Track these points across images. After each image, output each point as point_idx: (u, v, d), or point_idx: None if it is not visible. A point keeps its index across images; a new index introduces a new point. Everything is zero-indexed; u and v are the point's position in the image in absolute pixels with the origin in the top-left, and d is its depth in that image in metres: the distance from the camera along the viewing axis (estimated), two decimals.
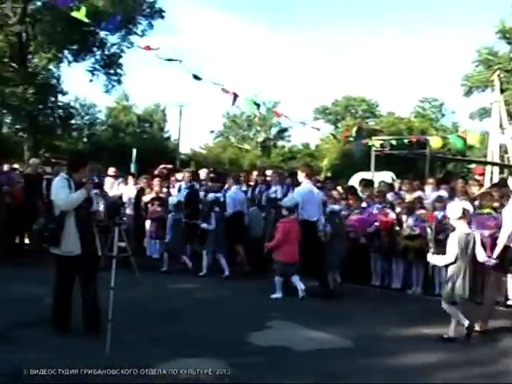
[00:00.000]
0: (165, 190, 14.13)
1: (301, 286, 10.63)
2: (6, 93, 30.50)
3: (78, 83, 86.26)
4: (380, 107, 71.28)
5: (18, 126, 35.99)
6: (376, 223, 12.34)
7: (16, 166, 17.13)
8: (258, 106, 15.46)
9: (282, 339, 7.96)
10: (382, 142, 18.24)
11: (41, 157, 27.59)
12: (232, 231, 12.95)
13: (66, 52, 34.14)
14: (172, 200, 13.09)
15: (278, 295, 10.78)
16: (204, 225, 12.79)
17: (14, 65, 31.44)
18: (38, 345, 7.15)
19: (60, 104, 35.03)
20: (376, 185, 14.99)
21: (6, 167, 15.22)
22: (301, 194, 11.53)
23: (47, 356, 6.65)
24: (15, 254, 13.28)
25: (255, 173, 15.17)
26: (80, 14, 13.27)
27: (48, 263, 9.79)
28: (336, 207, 12.02)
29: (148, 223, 13.48)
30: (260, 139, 68.29)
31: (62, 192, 7.44)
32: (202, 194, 13.97)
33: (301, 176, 12.07)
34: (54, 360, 6.44)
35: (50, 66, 34.24)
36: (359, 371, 6.82)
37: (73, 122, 39.29)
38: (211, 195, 13.11)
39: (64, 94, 35.32)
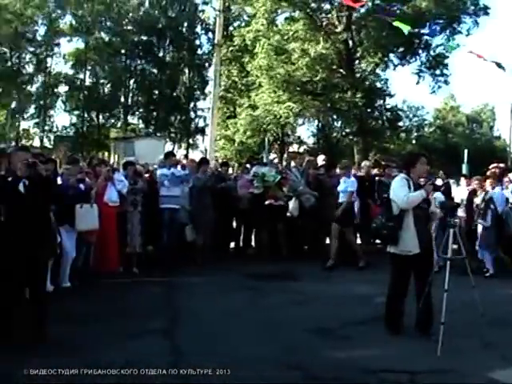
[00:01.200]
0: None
1: None
2: (335, 98, 31.62)
3: (406, 85, 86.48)
4: None
5: (347, 130, 37.12)
6: None
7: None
8: None
9: None
10: None
11: (371, 159, 28.15)
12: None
13: (391, 55, 34.41)
14: (440, 199, 12.77)
15: None
16: (480, 221, 12.43)
17: (341, 71, 32.49)
18: (368, 343, 7.27)
19: (388, 107, 35.44)
20: None
21: (338, 170, 15.58)
22: None
23: (378, 354, 6.80)
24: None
25: None
26: (403, 24, 13.35)
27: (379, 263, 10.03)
28: None
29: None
30: None
31: (401, 191, 7.49)
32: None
33: None
34: (390, 359, 6.56)
35: (377, 71, 34.79)
36: None
37: (401, 124, 39.38)
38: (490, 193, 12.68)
39: (391, 96, 35.63)
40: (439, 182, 13.80)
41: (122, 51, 46.55)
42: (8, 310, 7.05)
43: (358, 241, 13.95)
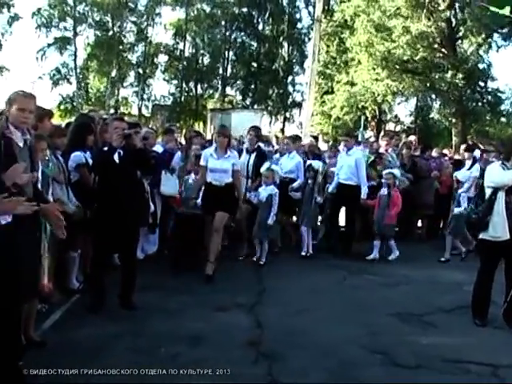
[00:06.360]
0: None
1: None
2: (435, 78, 30.94)
3: (509, 68, 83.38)
4: None
5: (446, 111, 36.26)
6: None
7: (445, 151, 17.19)
8: None
9: None
10: None
11: (470, 142, 27.43)
12: None
13: (495, 36, 33.29)
14: None
15: None
16: None
17: (443, 51, 31.69)
18: (453, 332, 7.22)
19: (489, 90, 34.39)
20: None
21: (435, 153, 15.18)
22: None
23: (462, 343, 6.70)
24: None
25: None
26: (501, 8, 12.91)
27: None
28: None
29: None
30: None
31: (498, 173, 7.40)
32: None
33: None
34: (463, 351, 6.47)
35: (480, 51, 33.71)
36: None
37: (502, 107, 38.14)
38: None
39: (494, 80, 34.49)
40: None
41: (222, 23, 46.76)
42: (100, 277, 7.33)
43: None
